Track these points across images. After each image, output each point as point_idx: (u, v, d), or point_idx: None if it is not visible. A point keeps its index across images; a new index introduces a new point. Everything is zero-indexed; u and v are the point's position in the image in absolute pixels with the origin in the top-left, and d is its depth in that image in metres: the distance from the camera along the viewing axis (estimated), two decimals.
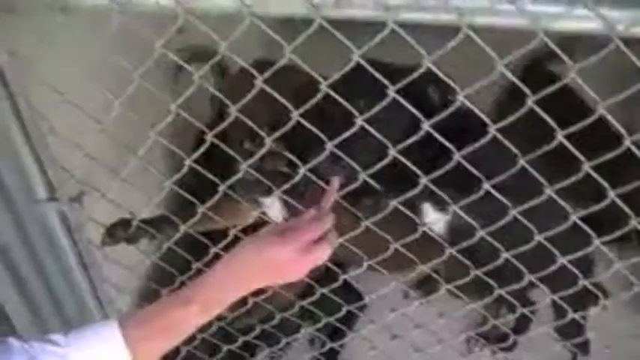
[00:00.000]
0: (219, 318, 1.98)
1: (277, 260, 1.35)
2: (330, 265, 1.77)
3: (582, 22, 1.04)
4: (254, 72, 1.30)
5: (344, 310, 2.02)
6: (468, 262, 1.71)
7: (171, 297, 1.36)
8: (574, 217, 1.42)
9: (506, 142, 1.33)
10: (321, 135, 1.41)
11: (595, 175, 1.28)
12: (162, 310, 1.32)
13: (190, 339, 1.99)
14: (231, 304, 1.39)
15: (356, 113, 1.35)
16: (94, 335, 1.25)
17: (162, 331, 1.30)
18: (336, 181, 1.54)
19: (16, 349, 1.18)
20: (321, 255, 1.38)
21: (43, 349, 1.19)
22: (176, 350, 2.01)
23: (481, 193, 1.45)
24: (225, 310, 1.70)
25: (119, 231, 1.89)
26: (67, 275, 1.81)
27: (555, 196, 1.38)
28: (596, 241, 1.48)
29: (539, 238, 1.50)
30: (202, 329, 1.96)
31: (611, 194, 1.31)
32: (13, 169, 1.55)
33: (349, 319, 2.61)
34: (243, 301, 1.83)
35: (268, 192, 1.76)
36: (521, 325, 2.59)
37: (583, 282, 1.62)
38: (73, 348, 1.21)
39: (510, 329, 2.49)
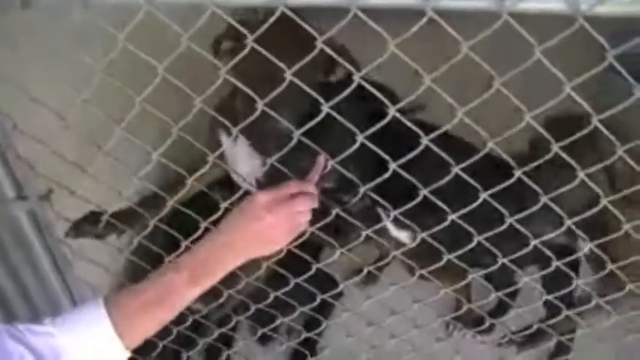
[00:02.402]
0: (193, 311, 1.97)
1: (262, 199, 1.38)
2: (304, 254, 1.77)
3: (546, 2, 1.04)
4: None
5: (319, 298, 2.03)
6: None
7: (161, 267, 1.37)
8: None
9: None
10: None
11: None
12: (153, 279, 1.33)
13: (165, 333, 1.99)
14: (204, 295, 1.39)
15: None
16: (81, 318, 1.25)
17: (152, 302, 1.29)
18: (322, 158, 1.54)
19: (2, 333, 1.15)
20: (304, 205, 1.42)
21: (30, 329, 1.18)
22: (152, 344, 2.01)
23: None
24: (199, 303, 1.70)
25: (86, 225, 1.86)
26: (39, 274, 1.79)
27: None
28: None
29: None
30: (177, 322, 1.95)
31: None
32: None
33: (325, 308, 2.61)
34: (216, 293, 1.84)
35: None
36: (501, 309, 2.61)
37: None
38: (60, 329, 1.20)
39: (489, 312, 2.51)
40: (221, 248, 1.38)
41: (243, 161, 1.91)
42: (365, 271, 1.98)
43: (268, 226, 1.38)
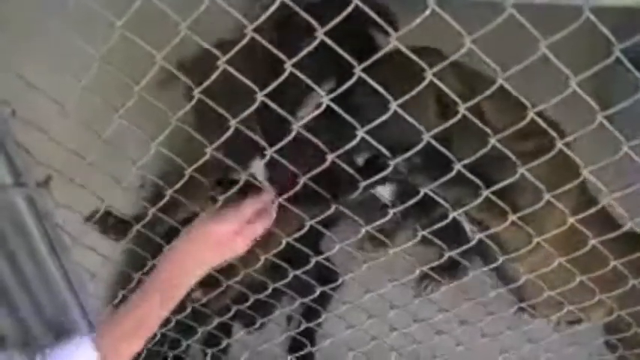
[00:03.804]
0: (193, 300, 1.97)
1: (218, 232, 1.44)
2: (304, 248, 1.76)
3: None
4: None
5: (318, 290, 2.03)
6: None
7: (133, 296, 1.44)
8: None
9: None
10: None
11: None
12: (129, 307, 1.42)
13: (165, 321, 1.99)
14: (204, 285, 1.43)
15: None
16: (71, 355, 1.35)
17: (132, 330, 1.38)
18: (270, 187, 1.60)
19: None
20: (261, 225, 1.49)
21: None
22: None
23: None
24: (199, 293, 1.72)
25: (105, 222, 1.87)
26: (37, 260, 1.78)
27: None
28: None
29: None
30: (177, 311, 1.95)
31: None
32: None
33: (324, 299, 2.60)
34: (215, 282, 1.84)
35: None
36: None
37: None
38: None
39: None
40: (183, 261, 1.45)
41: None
42: (365, 265, 1.96)
43: (233, 247, 1.47)
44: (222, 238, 1.44)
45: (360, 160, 1.74)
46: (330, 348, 2.35)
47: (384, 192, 2.00)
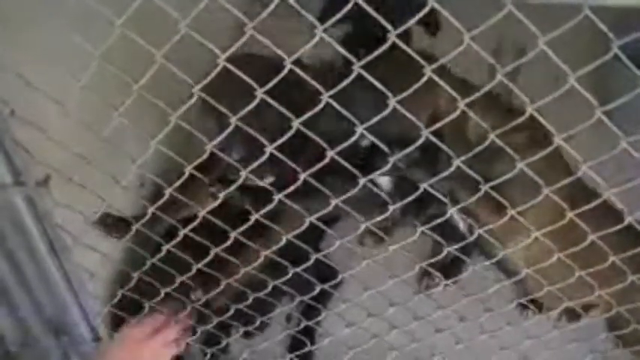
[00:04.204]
0: (194, 300, 1.97)
1: (131, 333, 1.75)
2: (304, 245, 1.76)
3: None
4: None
5: (318, 287, 2.02)
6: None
7: None
8: None
9: None
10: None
11: None
12: None
13: None
14: (203, 284, 1.46)
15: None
16: None
17: None
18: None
19: None
20: (169, 334, 1.79)
21: None
22: None
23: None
24: (199, 292, 1.75)
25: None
26: (37, 260, 1.78)
27: None
28: None
29: None
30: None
31: None
32: None
33: (323, 297, 2.60)
34: (215, 282, 1.84)
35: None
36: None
37: None
38: None
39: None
40: None
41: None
42: (365, 262, 1.96)
43: (135, 340, 1.74)
44: (136, 337, 1.72)
45: (365, 143, 1.75)
46: (329, 347, 2.35)
47: (383, 184, 2.01)
